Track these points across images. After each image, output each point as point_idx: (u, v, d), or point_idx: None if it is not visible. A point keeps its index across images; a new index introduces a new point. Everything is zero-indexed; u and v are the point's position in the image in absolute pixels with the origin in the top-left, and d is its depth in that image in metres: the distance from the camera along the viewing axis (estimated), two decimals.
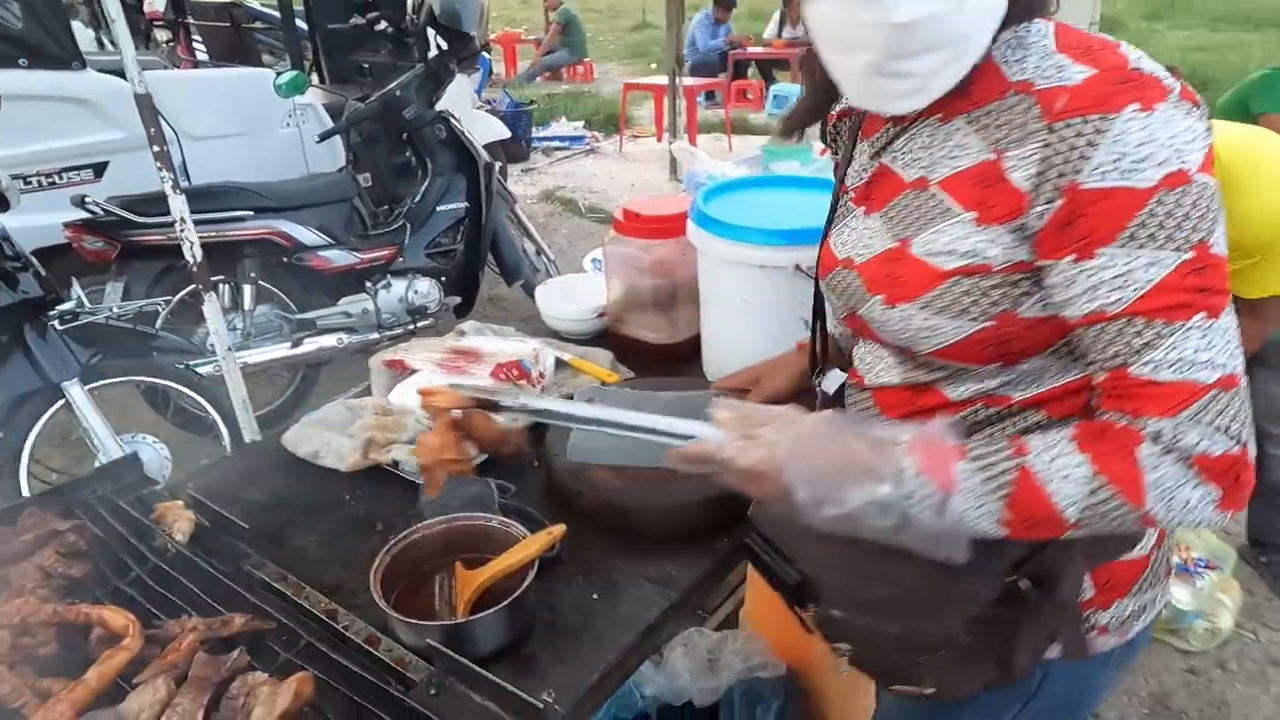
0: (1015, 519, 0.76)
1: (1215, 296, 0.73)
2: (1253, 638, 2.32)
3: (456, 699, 0.91)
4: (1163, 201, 0.71)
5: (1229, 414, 0.72)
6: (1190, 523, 0.76)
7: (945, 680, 0.93)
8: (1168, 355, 0.72)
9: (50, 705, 0.86)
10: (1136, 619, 0.96)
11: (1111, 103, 0.72)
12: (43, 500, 1.22)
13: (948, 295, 0.83)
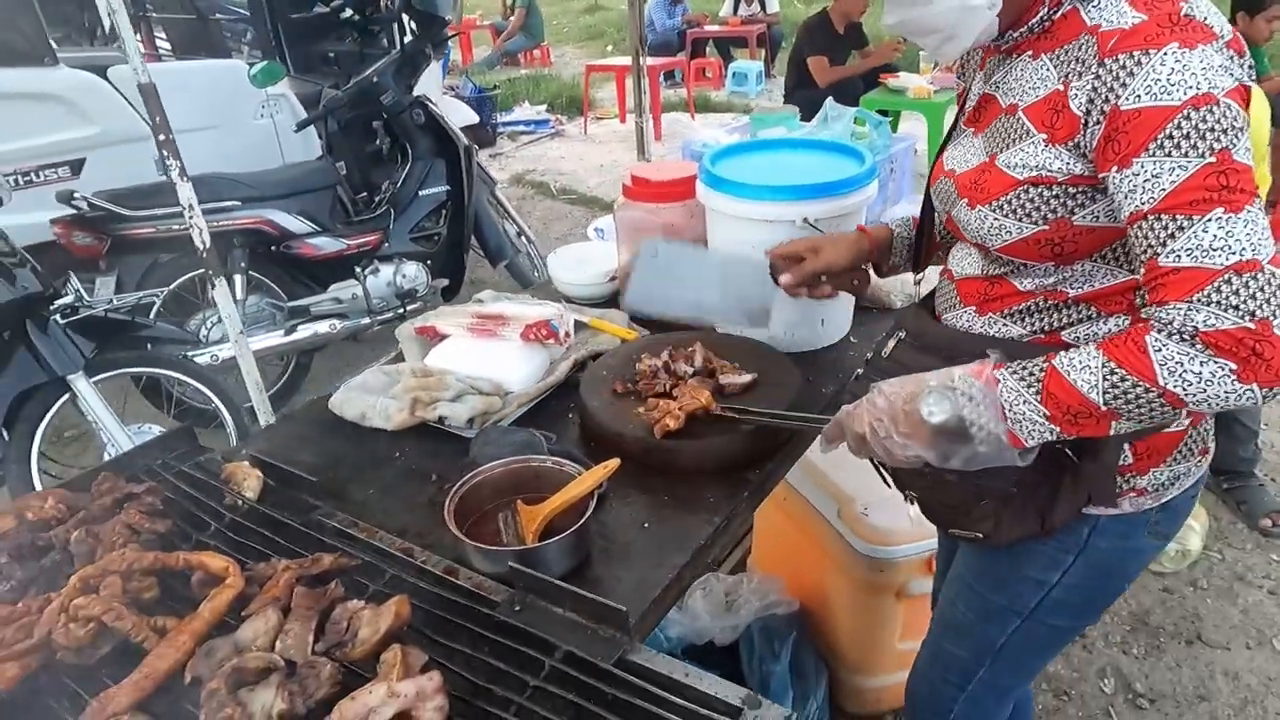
0: (1056, 412, 0.90)
1: (1236, 194, 0.81)
2: (1219, 557, 2.50)
3: (539, 613, 1.00)
4: (1189, 116, 0.82)
5: (1243, 294, 0.80)
6: (1219, 397, 0.82)
7: (995, 527, 1.09)
8: (1187, 244, 0.82)
9: (172, 636, 0.94)
10: (1171, 485, 1.09)
11: (1155, 41, 0.85)
12: (108, 469, 1.29)
13: (1016, 201, 1.00)
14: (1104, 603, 1.25)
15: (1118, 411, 0.87)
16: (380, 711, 0.83)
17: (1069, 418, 0.90)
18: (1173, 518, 1.13)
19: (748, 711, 0.86)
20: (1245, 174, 0.82)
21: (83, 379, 2.49)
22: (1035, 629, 1.21)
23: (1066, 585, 1.15)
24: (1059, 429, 0.91)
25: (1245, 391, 0.81)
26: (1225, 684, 2.09)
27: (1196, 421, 1.08)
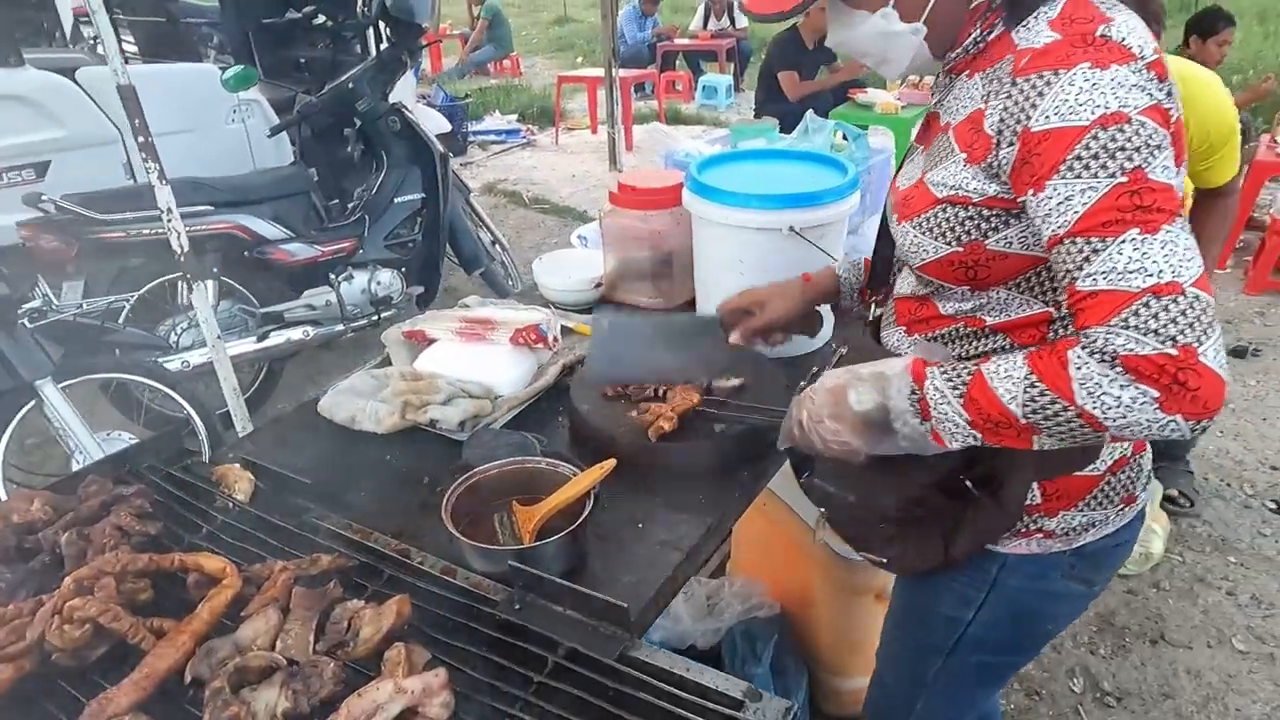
0: (976, 418, 0.88)
1: (1152, 214, 0.78)
2: (1180, 560, 2.58)
3: (539, 611, 1.01)
4: (1097, 136, 0.80)
5: (1163, 318, 0.75)
6: (1141, 425, 0.78)
7: (900, 555, 1.11)
8: (1102, 266, 0.79)
9: (171, 636, 0.94)
10: (1085, 531, 1.06)
11: (1066, 61, 0.83)
12: (94, 471, 1.27)
13: (934, 219, 0.99)
14: (1030, 643, 1.23)
15: (1037, 426, 0.84)
16: (387, 708, 0.83)
17: (989, 426, 0.88)
18: (1094, 564, 1.10)
19: (749, 704, 0.88)
20: (1163, 193, 0.79)
21: (51, 385, 2.44)
22: (960, 666, 1.20)
23: (983, 623, 1.14)
24: (980, 435, 0.89)
25: (1169, 422, 0.77)
26: (1188, 682, 2.16)
27: (1117, 468, 1.05)
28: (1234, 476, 2.96)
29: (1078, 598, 1.15)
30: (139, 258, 3.09)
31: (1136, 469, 1.08)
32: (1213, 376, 0.75)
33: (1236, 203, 2.67)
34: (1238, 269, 4.72)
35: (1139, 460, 1.09)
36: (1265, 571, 2.52)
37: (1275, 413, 3.35)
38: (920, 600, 1.21)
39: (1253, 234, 4.87)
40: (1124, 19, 0.86)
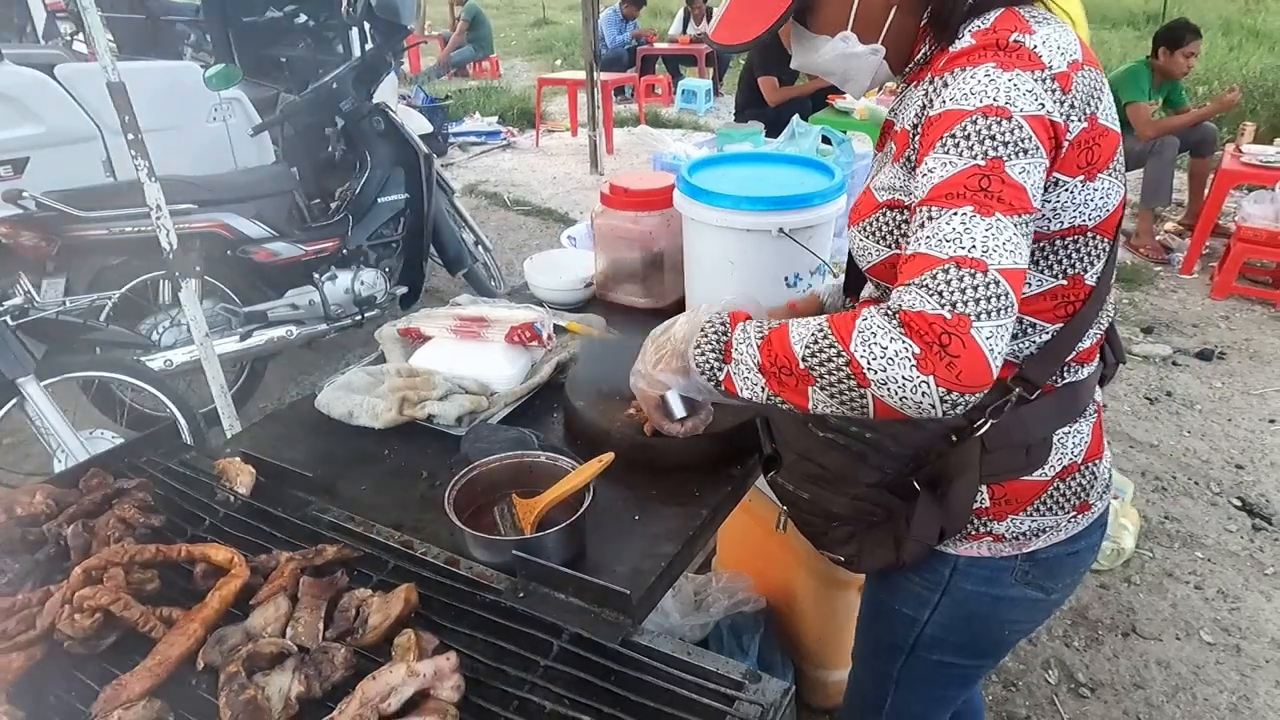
0: (766, 362, 0.91)
1: (993, 201, 0.80)
2: (1150, 555, 2.66)
3: (542, 599, 1.04)
4: (975, 122, 0.83)
5: (954, 285, 0.77)
6: (897, 382, 0.78)
7: (857, 554, 1.14)
8: (928, 232, 0.82)
9: (182, 624, 0.96)
10: (1035, 536, 1.07)
11: (974, 60, 0.87)
12: (95, 464, 1.28)
13: (876, 223, 1.03)
14: (989, 646, 1.22)
15: (813, 373, 0.85)
16: (401, 690, 0.85)
17: (775, 370, 0.90)
18: (1048, 572, 1.10)
19: (748, 685, 0.91)
20: (1012, 189, 0.81)
21: (33, 382, 2.42)
22: (921, 664, 1.22)
23: (938, 624, 1.16)
24: (765, 381, 0.91)
25: (922, 382, 0.77)
26: (1159, 673, 2.23)
27: (1066, 474, 1.05)
28: (1200, 475, 3.05)
29: (1033, 605, 1.14)
30: (121, 256, 3.07)
31: (1090, 476, 1.07)
32: (977, 352, 0.76)
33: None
34: (1204, 274, 4.85)
35: (1092, 468, 1.08)
36: (1231, 566, 2.60)
37: (1240, 413, 3.45)
38: (882, 598, 1.23)
39: (1218, 240, 5.01)
40: (1046, 31, 0.89)
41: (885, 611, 1.22)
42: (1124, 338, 4.13)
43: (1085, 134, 0.89)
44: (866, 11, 0.98)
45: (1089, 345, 1.03)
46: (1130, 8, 14.24)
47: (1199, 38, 5.02)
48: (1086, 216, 0.93)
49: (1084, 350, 1.03)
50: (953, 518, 1.04)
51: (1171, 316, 4.38)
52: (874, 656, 1.30)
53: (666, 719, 0.86)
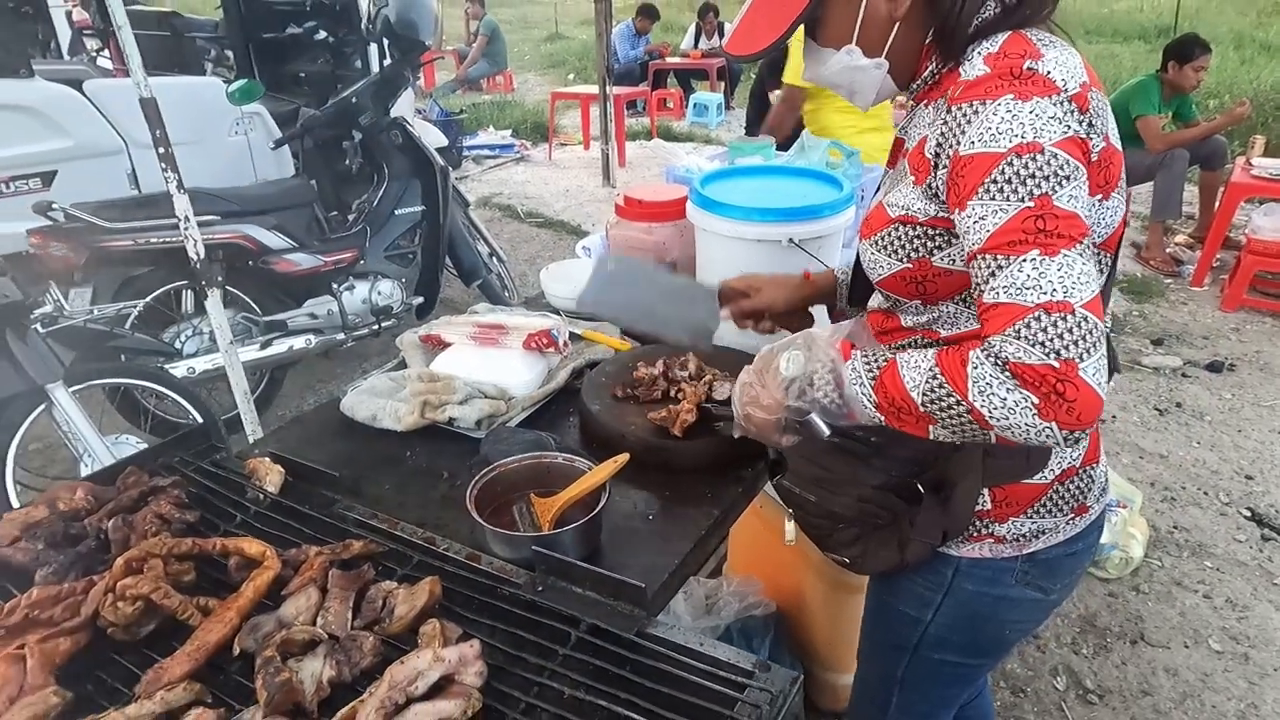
0: (883, 401, 0.96)
1: (1053, 238, 0.84)
2: (1159, 564, 2.67)
3: (560, 592, 1.08)
4: (1012, 163, 0.86)
5: (1051, 332, 0.82)
6: (1021, 428, 0.84)
7: (861, 556, 1.17)
8: (1004, 281, 0.85)
9: (219, 613, 1.00)
10: (1035, 538, 1.11)
11: (992, 93, 0.89)
12: (131, 463, 1.33)
13: (888, 237, 1.07)
14: (991, 646, 1.25)
15: (933, 416, 0.91)
16: (427, 675, 0.90)
17: (893, 410, 0.95)
18: (1048, 572, 1.14)
19: (759, 674, 0.95)
20: (1066, 220, 0.85)
21: (61, 388, 2.49)
22: (925, 664, 1.25)
23: (941, 624, 1.19)
24: (883, 418, 0.97)
25: (1045, 428, 0.83)
26: (1166, 680, 2.24)
27: (1065, 478, 1.09)
28: (1210, 485, 3.07)
29: (1033, 605, 1.17)
30: (145, 266, 3.15)
31: (1087, 480, 1.12)
32: (1089, 391, 0.81)
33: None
34: (1214, 286, 4.86)
35: (1089, 472, 1.12)
36: (1240, 576, 2.61)
37: (1250, 425, 3.46)
38: (886, 599, 1.26)
39: (1229, 253, 5.02)
40: (1055, 54, 0.92)
41: (889, 612, 1.26)
42: (1133, 349, 4.16)
43: (1104, 153, 0.93)
44: (871, 26, 1.02)
45: None
46: (1141, 22, 14.27)
47: (1208, 52, 5.05)
48: (1097, 234, 0.97)
49: None
50: (955, 519, 1.08)
51: (1182, 328, 4.39)
52: (879, 657, 1.33)
53: (680, 705, 0.89)
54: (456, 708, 0.87)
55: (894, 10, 1.00)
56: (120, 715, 0.87)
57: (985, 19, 0.98)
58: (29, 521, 1.17)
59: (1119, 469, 3.09)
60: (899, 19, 1.01)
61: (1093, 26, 15.08)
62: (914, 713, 1.35)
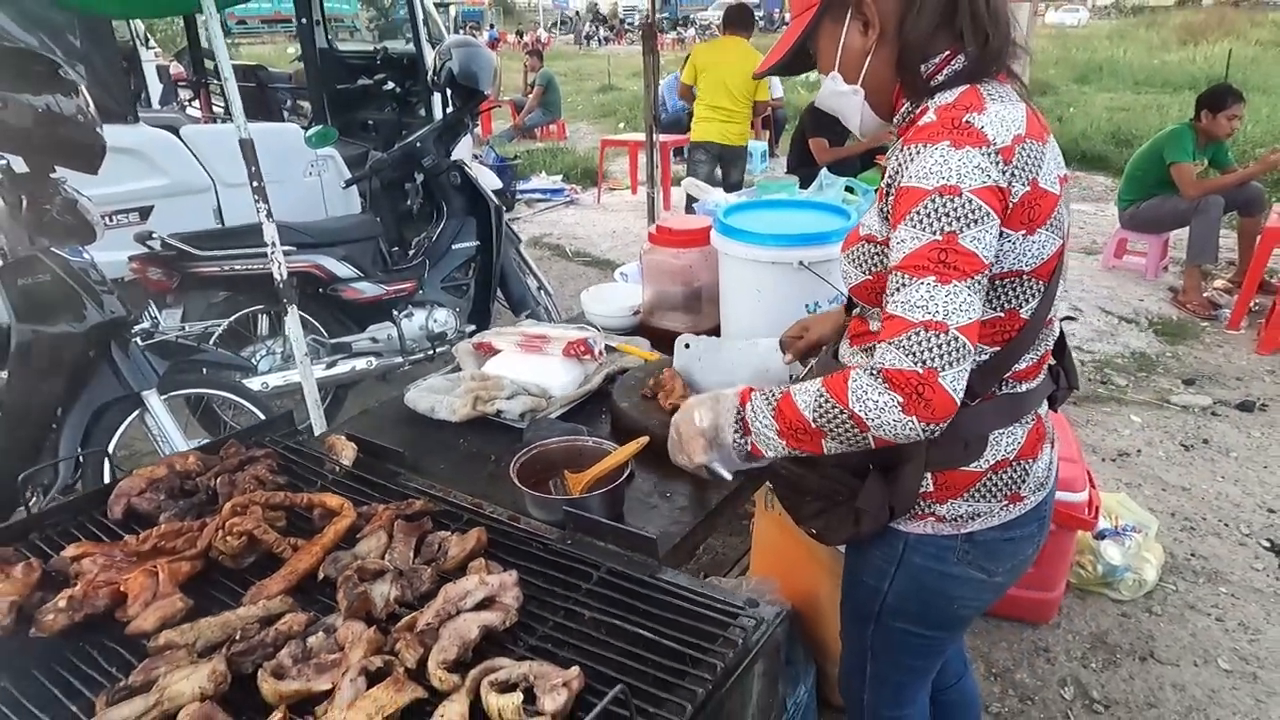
0: (783, 426, 1.14)
1: (949, 270, 1.00)
2: (1173, 588, 2.75)
3: (585, 545, 1.28)
4: (934, 200, 1.02)
5: (923, 346, 0.99)
6: (890, 424, 1.01)
7: (825, 528, 1.33)
8: (902, 297, 1.02)
9: (307, 547, 1.23)
10: (972, 519, 1.25)
11: (934, 138, 1.05)
12: (233, 438, 1.58)
13: (856, 252, 1.26)
14: (942, 619, 1.37)
15: (824, 429, 1.08)
16: (474, 594, 1.10)
17: (792, 432, 1.12)
18: (987, 553, 1.27)
19: (748, 608, 1.13)
20: (964, 256, 1.01)
21: (155, 395, 2.78)
22: (888, 632, 1.39)
23: (896, 594, 1.33)
24: (785, 442, 1.14)
25: (908, 422, 1.01)
26: (1173, 694, 2.32)
27: (999, 468, 1.23)
28: (1231, 517, 3.12)
29: (978, 584, 1.30)
30: (228, 290, 3.48)
31: (1021, 473, 1.25)
32: (945, 395, 1.00)
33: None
34: (1251, 330, 4.89)
35: (1024, 465, 1.25)
36: (1254, 601, 2.67)
37: (1276, 462, 3.50)
38: (854, 572, 1.43)
39: (1265, 297, 5.05)
40: (997, 109, 1.07)
41: (856, 583, 1.42)
42: (1164, 388, 4.22)
43: (1028, 196, 1.07)
44: (849, 56, 1.21)
45: (1025, 366, 1.22)
46: (1193, 73, 14.26)
47: (1241, 101, 5.15)
48: (1024, 263, 1.13)
49: (1021, 370, 1.22)
50: (901, 497, 1.24)
51: (1215, 370, 4.44)
52: (852, 625, 1.49)
53: (684, 627, 1.08)
54: (497, 618, 1.07)
55: (865, 44, 1.19)
56: (232, 615, 1.10)
57: (944, 75, 1.15)
58: (153, 478, 1.42)
59: (1140, 500, 3.17)
60: (870, 51, 1.19)
61: (1142, 78, 15.13)
62: (888, 682, 1.49)
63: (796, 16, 1.25)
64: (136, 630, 1.09)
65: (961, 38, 1.12)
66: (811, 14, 1.21)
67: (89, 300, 2.62)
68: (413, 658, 1.01)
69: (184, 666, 1.00)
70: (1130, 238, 5.91)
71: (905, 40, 1.15)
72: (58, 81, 2.43)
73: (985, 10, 1.12)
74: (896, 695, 1.52)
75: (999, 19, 1.13)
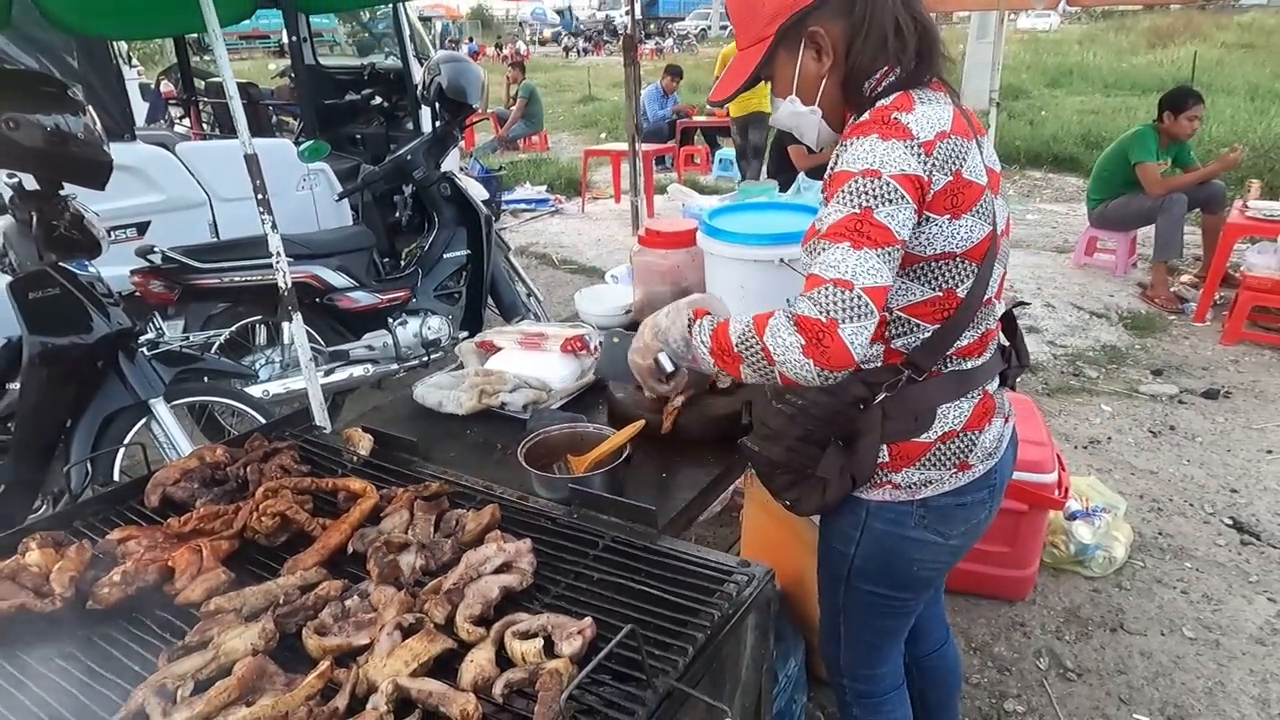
0: (715, 346, 1.30)
1: (862, 239, 1.13)
2: (1142, 565, 2.89)
3: (589, 519, 1.40)
4: (857, 181, 1.15)
5: (831, 300, 1.12)
6: (790, 361, 1.14)
7: (797, 500, 1.45)
8: (821, 259, 1.16)
9: (336, 525, 1.34)
10: (924, 486, 1.37)
11: (864, 131, 1.19)
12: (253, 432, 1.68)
13: (810, 245, 1.34)
14: (905, 581, 1.48)
15: (742, 355, 1.23)
16: (493, 559, 1.22)
17: (720, 352, 1.28)
18: (941, 518, 1.39)
19: (740, 569, 1.25)
20: (877, 229, 1.14)
21: (162, 403, 2.87)
22: (857, 594, 1.51)
23: (862, 557, 1.45)
24: (713, 361, 1.31)
25: (805, 363, 1.14)
26: (1141, 661, 2.46)
27: (946, 439, 1.35)
28: (1196, 498, 3.28)
29: (936, 547, 1.42)
30: (227, 302, 3.57)
31: (968, 443, 1.37)
32: (841, 345, 1.12)
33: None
34: (1216, 322, 5.08)
35: (970, 436, 1.36)
36: (1217, 575, 2.82)
37: (1239, 445, 3.67)
38: (826, 539, 1.54)
39: (1229, 291, 5.25)
40: (924, 110, 1.20)
41: (828, 550, 1.54)
42: (1133, 379, 4.39)
43: (950, 185, 1.21)
44: (805, 82, 1.34)
45: (967, 343, 1.34)
46: (1161, 76, 14.60)
47: (1200, 102, 5.36)
48: (954, 245, 1.25)
49: (964, 346, 1.34)
50: (861, 467, 1.36)
51: (1182, 360, 4.61)
52: (826, 589, 1.61)
53: (683, 584, 1.20)
54: (515, 579, 1.19)
55: (820, 70, 1.32)
56: (273, 584, 1.21)
57: (883, 87, 1.27)
58: (185, 469, 1.53)
59: (1110, 484, 3.31)
60: (824, 76, 1.32)
61: (1112, 81, 15.46)
62: (861, 642, 1.61)
63: (746, 48, 1.36)
64: (185, 600, 1.20)
65: (897, 56, 1.26)
66: (766, 45, 1.32)
67: (96, 312, 2.71)
68: (441, 615, 1.13)
69: (235, 627, 1.11)
70: (1100, 236, 6.11)
71: (853, 64, 1.28)
72: (66, 102, 2.53)
73: (914, 31, 1.25)
74: (869, 655, 1.63)
75: (927, 36, 1.27)
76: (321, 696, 0.99)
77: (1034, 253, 6.67)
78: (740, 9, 1.35)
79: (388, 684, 0.97)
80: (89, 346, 2.70)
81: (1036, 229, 7.38)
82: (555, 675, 0.96)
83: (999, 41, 6.06)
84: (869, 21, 1.25)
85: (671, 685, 1.00)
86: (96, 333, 2.70)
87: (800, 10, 1.27)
